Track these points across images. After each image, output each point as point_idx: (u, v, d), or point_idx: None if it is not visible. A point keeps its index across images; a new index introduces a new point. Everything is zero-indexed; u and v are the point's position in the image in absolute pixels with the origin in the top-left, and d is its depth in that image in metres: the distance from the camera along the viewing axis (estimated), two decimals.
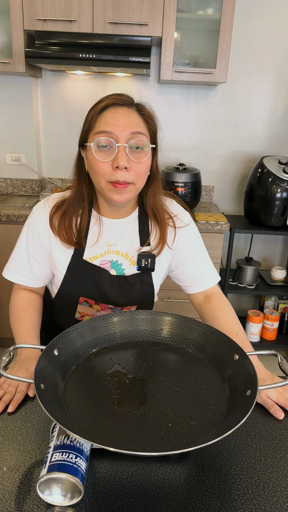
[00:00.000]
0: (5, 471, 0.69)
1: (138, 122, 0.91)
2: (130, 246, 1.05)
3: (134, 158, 0.90)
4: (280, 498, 0.67)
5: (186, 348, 0.93)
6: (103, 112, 0.90)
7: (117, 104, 0.90)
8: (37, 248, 1.02)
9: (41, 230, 1.01)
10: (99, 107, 0.90)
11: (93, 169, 0.93)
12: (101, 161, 0.89)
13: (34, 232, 1.01)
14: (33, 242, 1.02)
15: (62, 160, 2.66)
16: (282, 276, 2.60)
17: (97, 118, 0.91)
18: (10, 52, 2.18)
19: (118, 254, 1.04)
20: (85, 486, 0.67)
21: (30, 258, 1.03)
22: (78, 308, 1.08)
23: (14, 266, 1.05)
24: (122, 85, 2.49)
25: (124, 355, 0.90)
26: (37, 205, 1.04)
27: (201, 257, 1.10)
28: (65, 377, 0.81)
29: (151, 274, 1.06)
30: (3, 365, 0.74)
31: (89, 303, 1.06)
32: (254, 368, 0.77)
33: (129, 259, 1.05)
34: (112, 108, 0.90)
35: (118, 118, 0.88)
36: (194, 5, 2.15)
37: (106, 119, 0.89)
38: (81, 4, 2.03)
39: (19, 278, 1.06)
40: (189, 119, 2.57)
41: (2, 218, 2.18)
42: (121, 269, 1.05)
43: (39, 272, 1.05)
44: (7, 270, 1.07)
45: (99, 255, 1.03)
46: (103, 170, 0.90)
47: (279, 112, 2.55)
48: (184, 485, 0.68)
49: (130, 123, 0.89)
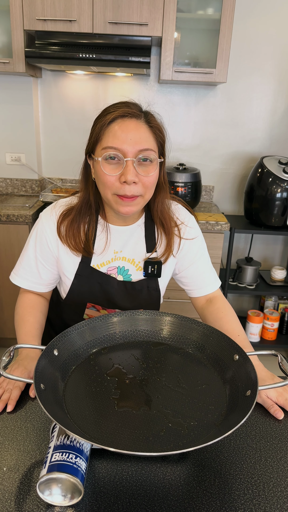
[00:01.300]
0: (5, 471, 0.69)
1: (146, 137, 0.89)
2: (137, 252, 1.05)
3: (142, 172, 0.89)
4: (280, 498, 0.67)
5: (186, 348, 0.93)
6: (111, 125, 0.88)
7: (125, 116, 0.88)
8: (45, 255, 1.02)
9: (49, 237, 1.01)
10: (108, 119, 0.88)
11: (100, 181, 0.92)
12: (109, 175, 0.89)
13: (42, 239, 1.01)
14: (41, 249, 1.02)
15: (62, 160, 2.66)
16: (282, 276, 2.60)
17: (105, 130, 0.88)
18: (10, 52, 2.18)
19: (125, 260, 1.04)
20: (85, 486, 0.67)
21: (38, 264, 1.04)
22: (86, 312, 1.09)
23: (22, 271, 1.06)
24: (122, 85, 2.49)
25: (124, 355, 0.90)
26: (44, 211, 1.04)
27: (204, 262, 1.10)
28: (65, 377, 0.81)
29: (157, 279, 1.07)
30: (3, 365, 0.74)
31: (97, 308, 1.08)
32: (254, 368, 0.77)
33: (135, 265, 1.05)
34: (121, 121, 0.87)
35: (126, 133, 0.86)
36: (194, 5, 2.15)
37: (114, 134, 0.87)
38: (81, 4, 2.03)
39: (27, 284, 1.06)
40: (189, 119, 2.57)
41: (2, 218, 2.18)
42: (128, 275, 1.06)
43: (47, 277, 1.06)
44: (15, 275, 1.07)
45: (106, 262, 1.04)
46: (111, 183, 0.89)
47: (279, 112, 2.55)
48: (184, 485, 0.68)
49: (139, 139, 0.87)
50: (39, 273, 1.05)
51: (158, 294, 1.09)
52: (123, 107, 0.90)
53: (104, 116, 0.90)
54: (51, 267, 1.04)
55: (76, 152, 2.63)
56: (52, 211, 1.02)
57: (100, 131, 0.89)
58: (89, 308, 1.08)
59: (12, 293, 2.33)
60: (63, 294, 1.11)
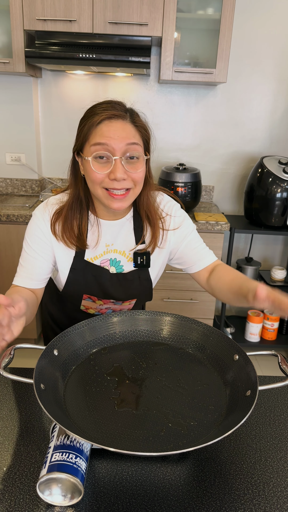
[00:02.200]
0: (5, 471, 0.69)
1: (133, 134, 0.93)
2: (127, 244, 1.09)
3: (130, 168, 0.93)
4: (280, 498, 0.67)
5: (186, 348, 0.93)
6: (99, 126, 0.92)
7: (112, 118, 0.91)
8: (42, 247, 1.04)
9: (45, 232, 1.03)
10: (96, 121, 0.91)
11: (90, 178, 0.95)
12: (98, 173, 0.92)
13: (38, 233, 1.03)
14: (38, 243, 1.03)
15: (62, 160, 2.66)
16: (282, 276, 2.60)
17: (93, 130, 0.92)
18: (10, 52, 2.18)
19: (116, 253, 1.08)
20: (85, 486, 0.67)
21: (38, 259, 1.04)
22: (82, 302, 1.12)
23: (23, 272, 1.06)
24: (122, 85, 2.49)
25: (124, 355, 0.90)
26: (37, 208, 1.06)
27: (195, 239, 1.13)
28: (65, 377, 0.81)
29: (148, 270, 1.11)
30: (3, 365, 0.74)
31: (92, 299, 1.10)
32: (254, 369, 0.77)
33: (126, 257, 1.09)
34: (108, 122, 0.91)
35: (114, 132, 0.90)
36: (194, 5, 2.15)
37: (102, 133, 0.91)
38: (81, 4, 2.03)
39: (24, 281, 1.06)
40: (189, 119, 2.57)
41: (2, 218, 2.18)
42: (120, 266, 1.09)
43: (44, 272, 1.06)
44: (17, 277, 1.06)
45: (99, 255, 1.07)
46: (100, 179, 0.93)
47: (279, 112, 2.55)
48: (184, 485, 0.68)
49: (126, 135, 0.91)
50: (36, 267, 1.05)
51: (150, 284, 1.13)
52: (109, 109, 0.93)
53: (91, 117, 0.93)
54: (49, 258, 1.05)
55: None
56: (45, 208, 1.04)
57: (88, 131, 0.92)
58: (85, 300, 1.10)
59: None
60: (60, 287, 1.13)
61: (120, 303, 1.11)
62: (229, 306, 2.96)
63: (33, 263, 1.05)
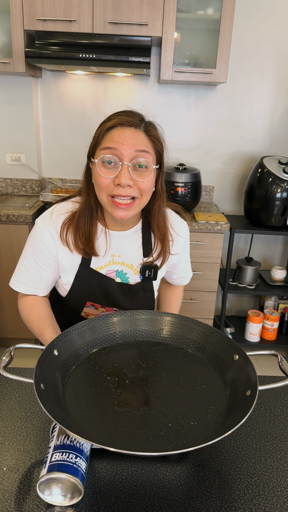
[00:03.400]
0: (5, 471, 0.69)
1: (144, 142, 0.92)
2: (134, 257, 1.08)
3: (136, 176, 0.91)
4: (280, 498, 0.67)
5: (186, 348, 0.93)
6: (111, 131, 0.91)
7: (124, 125, 0.90)
8: (45, 259, 1.04)
9: (49, 242, 1.01)
10: (107, 126, 0.91)
11: (96, 183, 0.94)
12: (104, 177, 0.91)
13: (41, 244, 1.02)
14: (41, 254, 1.03)
15: (62, 160, 2.66)
16: (282, 276, 2.60)
17: (104, 135, 0.92)
18: (10, 52, 2.18)
19: (123, 265, 1.08)
20: (85, 486, 0.67)
21: (39, 269, 1.05)
22: (84, 309, 1.12)
23: (23, 278, 1.07)
24: (122, 85, 2.49)
25: (124, 355, 0.90)
26: (41, 218, 1.04)
27: (186, 256, 1.20)
28: (65, 377, 0.81)
29: (152, 282, 1.11)
30: (3, 365, 0.74)
31: (95, 307, 1.10)
32: (254, 369, 0.77)
33: (133, 269, 1.09)
34: (120, 128, 0.90)
35: (124, 137, 0.89)
36: (194, 5, 2.15)
37: (112, 137, 0.90)
38: (81, 4, 2.03)
39: (28, 289, 1.08)
40: (189, 119, 2.57)
41: (2, 218, 2.18)
42: (126, 278, 1.09)
43: (47, 280, 1.07)
44: (16, 282, 1.08)
45: (105, 265, 1.06)
46: (105, 184, 0.91)
47: (279, 112, 2.55)
48: (184, 485, 0.68)
49: (136, 141, 0.90)
50: (39, 277, 1.06)
51: (153, 294, 1.14)
52: (123, 115, 0.92)
53: (104, 123, 0.93)
54: (52, 269, 1.06)
55: (76, 152, 2.63)
56: (50, 220, 1.02)
57: (99, 135, 0.92)
58: (87, 307, 1.10)
59: (12, 293, 2.33)
60: (63, 293, 1.12)
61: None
62: (229, 306, 2.96)
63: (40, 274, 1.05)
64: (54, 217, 1.02)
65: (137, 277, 1.09)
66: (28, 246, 1.05)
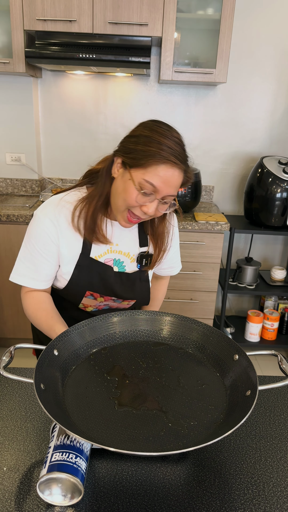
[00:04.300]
0: (5, 471, 0.69)
1: (179, 185, 0.96)
2: (131, 246, 1.12)
3: (159, 208, 0.97)
4: (280, 498, 0.67)
5: (186, 348, 0.93)
6: (160, 165, 0.89)
7: (174, 165, 0.91)
8: (47, 249, 1.04)
9: (51, 232, 1.02)
10: (159, 157, 0.89)
11: (123, 195, 0.95)
12: (134, 199, 0.93)
13: (43, 234, 1.03)
14: (43, 244, 1.03)
15: (62, 160, 2.66)
16: (282, 276, 2.60)
17: (155, 164, 0.90)
18: (10, 52, 2.18)
19: (121, 254, 1.11)
20: (85, 486, 0.67)
21: (41, 259, 1.05)
22: (83, 300, 1.12)
23: (24, 270, 1.07)
24: (122, 85, 2.49)
25: (124, 355, 0.90)
26: (41, 209, 1.05)
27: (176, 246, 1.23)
28: (65, 377, 0.81)
29: (147, 271, 1.16)
30: (3, 365, 0.74)
31: (94, 296, 1.11)
32: (254, 369, 0.77)
33: (130, 258, 1.12)
34: (170, 166, 0.90)
35: (169, 181, 0.92)
36: (194, 5, 2.15)
37: (159, 174, 0.90)
38: (81, 4, 2.03)
39: (30, 282, 1.08)
40: (189, 119, 2.57)
41: (2, 218, 2.18)
42: (123, 266, 1.12)
43: (48, 272, 1.08)
44: (16, 275, 1.08)
45: (104, 253, 1.09)
46: (132, 201, 0.94)
47: (279, 112, 2.55)
48: (184, 485, 0.68)
49: (176, 185, 0.94)
50: (41, 268, 1.06)
51: (148, 284, 1.17)
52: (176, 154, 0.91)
53: (159, 150, 0.89)
54: (53, 259, 1.06)
55: (76, 152, 2.63)
56: (55, 209, 1.03)
57: (149, 158, 0.90)
58: (86, 297, 1.11)
59: (12, 293, 2.33)
60: (61, 285, 1.12)
61: (120, 301, 1.14)
62: (229, 306, 2.96)
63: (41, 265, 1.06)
64: (61, 206, 1.03)
65: (133, 265, 1.12)
66: (28, 238, 1.05)
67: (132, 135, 0.95)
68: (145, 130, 0.92)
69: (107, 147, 2.60)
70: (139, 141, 0.91)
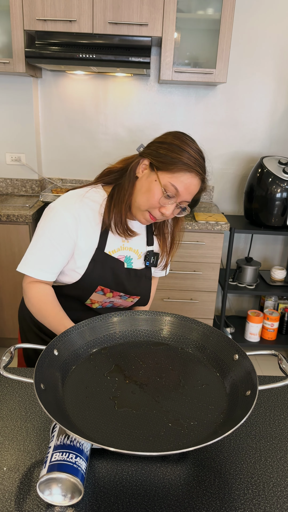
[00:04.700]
0: (5, 471, 0.69)
1: (194, 194, 1.05)
2: (140, 244, 1.17)
3: (175, 212, 1.06)
4: (280, 498, 0.67)
5: (186, 348, 0.93)
6: (186, 173, 0.99)
7: (197, 175, 1.00)
8: (63, 242, 1.05)
9: (70, 226, 1.04)
10: (186, 166, 0.98)
11: (147, 195, 1.02)
12: (157, 198, 1.01)
13: (62, 228, 1.04)
14: (60, 237, 1.04)
15: (62, 160, 2.66)
16: (282, 276, 2.60)
17: (181, 171, 0.98)
18: (10, 52, 2.18)
19: (131, 250, 1.16)
20: (85, 486, 0.67)
21: (55, 252, 1.06)
22: (92, 295, 1.14)
23: (35, 262, 1.06)
24: (122, 85, 2.49)
25: (124, 355, 0.90)
26: (61, 202, 1.06)
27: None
28: (65, 377, 0.81)
29: (151, 269, 1.21)
30: (3, 365, 0.74)
31: (104, 292, 1.14)
32: (254, 369, 0.77)
33: (138, 255, 1.17)
34: (194, 175, 1.00)
35: (189, 188, 1.01)
36: (194, 5, 2.15)
37: (182, 181, 0.99)
38: (81, 4, 2.03)
39: (39, 273, 1.07)
40: (189, 119, 2.57)
41: (2, 218, 2.18)
42: (131, 262, 1.16)
43: (59, 265, 1.09)
44: (26, 266, 1.07)
45: (117, 249, 1.13)
46: (155, 201, 1.01)
47: (279, 112, 2.55)
48: (184, 485, 0.68)
49: (192, 195, 1.04)
50: (53, 260, 1.07)
51: (150, 282, 1.23)
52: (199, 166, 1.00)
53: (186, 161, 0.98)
54: (67, 252, 1.07)
55: (76, 152, 2.63)
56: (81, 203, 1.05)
57: (178, 165, 0.98)
58: (96, 292, 1.13)
59: (12, 293, 2.33)
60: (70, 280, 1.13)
61: (126, 297, 1.17)
62: (229, 306, 2.96)
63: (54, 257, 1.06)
64: (84, 202, 1.06)
65: (140, 262, 1.18)
66: (43, 229, 1.05)
67: (163, 141, 1.02)
68: (175, 139, 1.01)
69: (107, 147, 2.62)
70: (171, 148, 0.99)
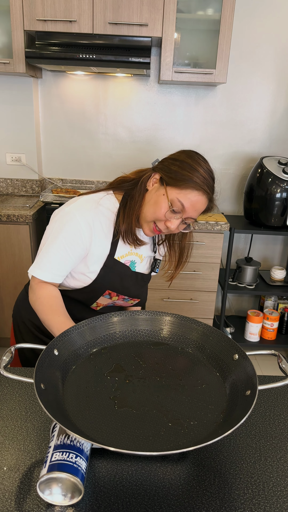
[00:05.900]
0: (5, 471, 0.70)
1: (201, 212, 1.08)
2: (144, 249, 1.21)
3: (180, 227, 1.09)
4: (280, 498, 0.67)
5: (186, 348, 0.93)
6: (194, 191, 1.01)
7: (205, 194, 1.03)
8: (76, 248, 1.06)
9: (84, 233, 1.06)
10: (196, 184, 1.01)
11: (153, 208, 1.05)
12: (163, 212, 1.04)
13: (76, 234, 1.05)
14: (73, 243, 1.06)
15: (62, 160, 2.66)
16: (282, 276, 2.61)
17: (190, 188, 1.01)
18: (10, 53, 2.18)
19: (136, 255, 1.19)
20: (85, 486, 0.67)
21: (68, 258, 1.07)
22: (99, 299, 1.17)
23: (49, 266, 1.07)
24: (122, 85, 2.49)
25: (124, 355, 0.90)
26: (78, 209, 1.07)
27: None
28: (65, 377, 0.81)
29: (151, 274, 1.27)
30: (3, 365, 0.74)
31: (111, 296, 1.17)
32: (253, 368, 0.77)
33: (141, 259, 1.21)
34: (201, 193, 1.03)
35: (196, 205, 1.04)
36: (194, 5, 2.15)
37: (190, 198, 1.02)
38: (81, 5, 2.03)
39: (51, 277, 1.08)
40: (189, 119, 2.57)
41: (2, 218, 2.18)
42: (135, 267, 1.20)
43: (69, 269, 1.10)
44: (39, 270, 1.07)
45: (125, 254, 1.16)
46: (161, 214, 1.04)
47: (279, 112, 2.55)
48: (184, 485, 0.68)
49: (198, 212, 1.07)
50: (65, 265, 1.08)
51: (147, 286, 1.29)
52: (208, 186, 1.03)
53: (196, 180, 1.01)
54: (78, 258, 1.09)
55: (76, 152, 2.63)
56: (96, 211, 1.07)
57: (187, 182, 1.01)
58: (104, 296, 1.16)
59: (12, 293, 2.33)
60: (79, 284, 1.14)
61: (128, 299, 1.21)
62: (229, 306, 2.96)
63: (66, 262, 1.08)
64: (99, 210, 1.08)
65: (142, 265, 1.21)
66: (55, 232, 1.06)
67: (176, 158, 1.05)
68: (188, 158, 1.04)
69: (107, 147, 2.62)
70: (183, 166, 1.03)
